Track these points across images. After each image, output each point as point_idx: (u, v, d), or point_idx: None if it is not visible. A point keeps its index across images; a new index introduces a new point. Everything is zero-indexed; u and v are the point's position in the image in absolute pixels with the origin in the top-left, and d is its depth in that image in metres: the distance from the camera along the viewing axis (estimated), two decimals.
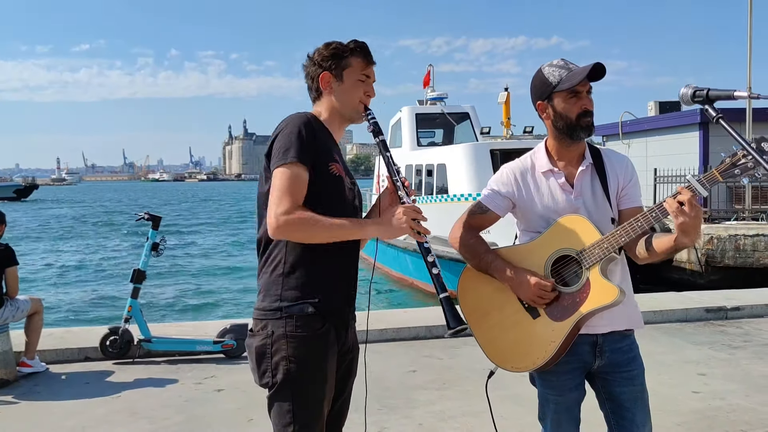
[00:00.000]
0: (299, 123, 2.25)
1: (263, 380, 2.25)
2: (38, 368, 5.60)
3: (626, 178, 2.50)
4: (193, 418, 4.59)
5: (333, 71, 2.36)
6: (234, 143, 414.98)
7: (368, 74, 2.39)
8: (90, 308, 15.21)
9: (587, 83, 2.37)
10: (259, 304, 2.29)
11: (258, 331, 2.26)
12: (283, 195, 2.15)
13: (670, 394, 4.91)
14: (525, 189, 2.49)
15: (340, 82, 2.36)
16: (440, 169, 15.49)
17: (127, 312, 5.95)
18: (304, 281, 2.24)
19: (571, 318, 2.34)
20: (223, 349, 5.96)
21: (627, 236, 2.30)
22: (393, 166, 2.35)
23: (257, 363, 2.26)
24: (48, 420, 4.59)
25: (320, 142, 2.27)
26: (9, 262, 5.47)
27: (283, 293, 2.23)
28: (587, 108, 2.38)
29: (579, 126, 2.39)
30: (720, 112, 2.17)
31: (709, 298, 8.09)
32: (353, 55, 2.37)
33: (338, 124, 2.42)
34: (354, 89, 2.37)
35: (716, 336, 6.75)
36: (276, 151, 2.22)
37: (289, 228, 2.15)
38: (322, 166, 2.25)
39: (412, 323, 6.76)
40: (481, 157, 14.25)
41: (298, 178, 2.18)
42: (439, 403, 4.81)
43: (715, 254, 13.78)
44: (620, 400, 2.45)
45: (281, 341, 2.21)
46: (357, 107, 2.39)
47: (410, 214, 2.19)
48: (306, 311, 2.22)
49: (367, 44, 2.41)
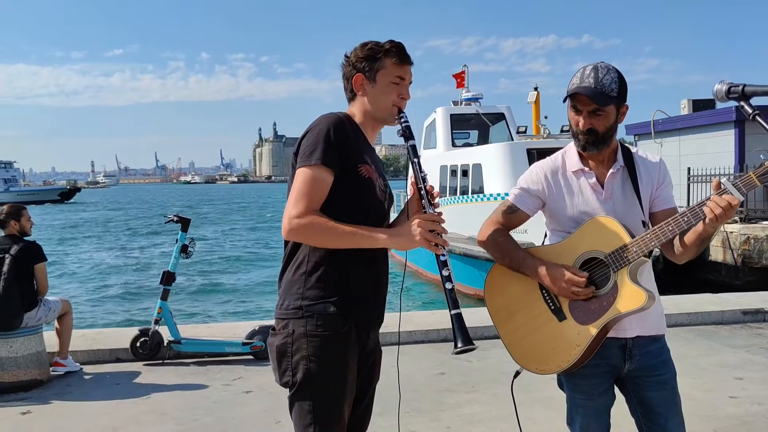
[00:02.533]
0: (329, 124, 2.22)
1: (283, 379, 2.24)
2: (72, 368, 5.69)
3: (659, 180, 2.43)
4: (221, 419, 4.60)
5: (366, 73, 2.33)
6: (264, 145, 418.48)
7: (402, 76, 2.35)
8: (121, 310, 15.43)
9: (590, 103, 2.29)
10: (280, 303, 2.28)
11: (279, 330, 2.25)
12: (300, 197, 2.14)
13: (706, 399, 4.79)
14: (555, 188, 2.44)
15: (373, 84, 2.33)
16: (476, 169, 15.27)
17: (157, 314, 6.00)
18: (326, 280, 2.22)
19: (597, 321, 2.28)
20: (252, 351, 5.98)
21: (657, 240, 2.23)
22: (420, 173, 2.30)
23: (278, 362, 2.25)
24: (79, 420, 4.65)
25: (351, 144, 2.24)
26: (37, 259, 5.51)
27: (305, 292, 2.22)
28: (580, 126, 2.32)
29: (576, 137, 2.37)
30: (757, 109, 2.10)
31: (746, 299, 7.90)
32: (387, 56, 2.32)
33: (371, 126, 2.39)
34: (387, 92, 2.33)
35: (754, 339, 6.58)
36: (302, 150, 2.20)
37: (300, 232, 2.14)
38: (351, 168, 2.23)
39: (441, 325, 6.71)
40: (517, 156, 14.02)
41: (318, 181, 2.16)
42: (467, 406, 4.76)
43: (752, 255, 13.46)
44: (652, 405, 2.39)
45: (302, 340, 2.19)
46: (390, 110, 2.35)
47: (428, 225, 2.14)
48: (327, 311, 2.20)
49: (404, 44, 2.36)
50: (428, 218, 2.16)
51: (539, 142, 15.23)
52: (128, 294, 17.46)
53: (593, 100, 2.27)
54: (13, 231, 5.55)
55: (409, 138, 2.34)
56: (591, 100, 2.27)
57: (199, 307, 15.43)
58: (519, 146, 14.60)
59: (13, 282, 5.27)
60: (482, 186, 14.83)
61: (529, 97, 17.37)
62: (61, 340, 5.68)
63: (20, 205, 5.82)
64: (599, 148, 2.36)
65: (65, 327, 5.70)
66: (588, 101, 2.29)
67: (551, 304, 2.37)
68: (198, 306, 15.52)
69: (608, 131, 2.34)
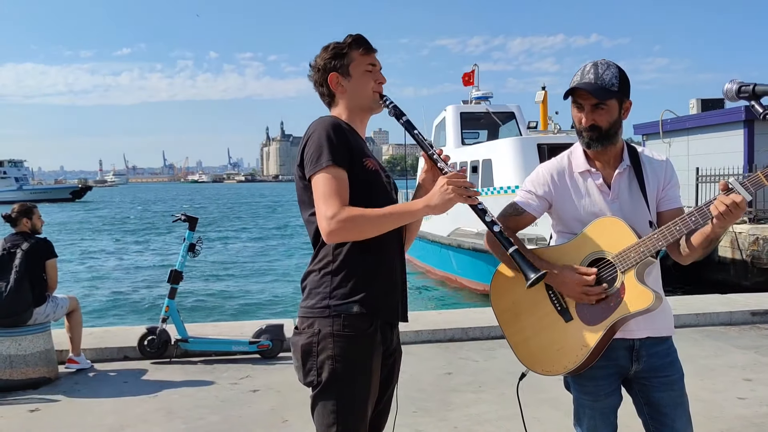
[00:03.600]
0: (326, 126, 2.23)
1: (308, 379, 2.23)
2: (84, 365, 5.76)
3: (666, 180, 2.42)
4: (228, 418, 4.61)
5: (339, 70, 2.36)
6: (271, 144, 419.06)
7: (373, 63, 2.39)
8: (129, 308, 15.48)
9: (590, 98, 2.29)
10: (305, 302, 2.28)
11: (304, 329, 2.24)
12: (329, 199, 2.13)
13: (715, 400, 4.77)
14: (562, 189, 2.43)
15: (349, 78, 2.36)
16: (486, 165, 15.05)
17: (165, 312, 6.02)
18: (352, 280, 2.22)
19: (604, 322, 2.27)
20: (259, 350, 5.99)
21: (665, 240, 2.22)
22: (425, 141, 2.34)
23: (302, 361, 2.24)
24: (87, 418, 4.66)
25: (351, 141, 2.26)
26: (48, 255, 5.59)
27: (332, 292, 2.22)
28: (583, 123, 2.33)
29: (580, 134, 2.37)
30: (767, 109, 2.08)
31: (755, 300, 7.85)
32: (352, 49, 2.37)
33: (359, 120, 2.41)
34: (364, 81, 2.36)
35: (763, 340, 6.54)
36: (308, 159, 2.21)
37: (341, 229, 2.12)
38: (357, 164, 2.24)
39: (448, 325, 6.70)
40: (527, 151, 13.80)
41: (337, 179, 2.16)
42: (474, 406, 4.75)
43: (760, 255, 13.39)
44: (659, 406, 2.38)
45: (328, 340, 2.19)
46: (372, 97, 2.38)
47: (456, 181, 2.14)
48: (354, 310, 2.19)
49: (362, 34, 2.40)
50: (453, 176, 2.18)
51: (550, 137, 14.97)
52: (137, 292, 17.51)
53: (593, 95, 2.28)
54: (24, 229, 5.64)
55: (401, 115, 2.37)
56: (591, 94, 2.28)
57: (207, 305, 15.46)
58: (529, 141, 14.38)
59: (25, 276, 5.35)
60: (492, 182, 14.65)
61: (536, 97, 17.29)
62: (73, 337, 5.74)
63: (31, 203, 5.91)
64: (604, 144, 2.35)
65: (75, 324, 5.75)
66: (588, 96, 2.29)
67: (557, 304, 2.36)
68: (206, 304, 15.55)
69: (612, 127, 2.33)
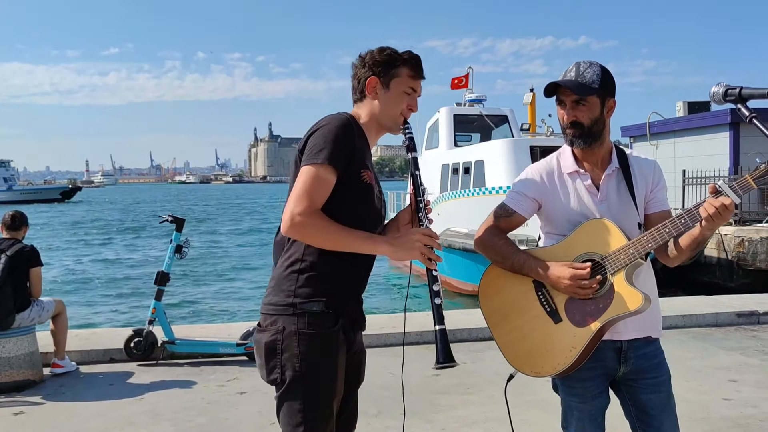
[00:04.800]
0: (339, 124, 2.21)
1: (271, 376, 2.22)
2: (69, 368, 5.71)
3: (653, 182, 2.44)
4: (215, 420, 4.59)
5: (381, 77, 2.32)
6: (259, 145, 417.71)
7: (415, 88, 2.36)
8: (115, 309, 15.37)
9: (570, 94, 2.32)
10: (269, 298, 2.26)
11: (267, 326, 2.22)
12: (304, 195, 2.12)
13: (700, 401, 4.79)
14: (551, 190, 2.44)
15: (386, 90, 2.33)
16: (478, 166, 15.00)
17: (151, 314, 5.98)
18: (318, 279, 2.21)
19: (593, 324, 2.28)
20: (246, 352, 5.96)
21: (654, 242, 2.23)
22: (420, 186, 2.32)
23: (266, 359, 2.23)
24: (72, 421, 4.62)
25: (356, 148, 2.24)
26: (33, 263, 5.54)
27: (297, 290, 2.20)
28: (565, 119, 2.36)
29: (565, 135, 2.39)
30: (753, 112, 2.09)
31: (740, 302, 7.92)
32: (405, 66, 2.33)
33: (375, 131, 2.39)
34: (398, 100, 2.34)
35: (748, 341, 6.59)
36: (309, 148, 2.18)
37: (300, 229, 2.12)
38: (354, 173, 2.22)
39: None
40: (520, 153, 13.78)
41: (323, 181, 2.15)
42: (462, 408, 4.75)
43: (746, 257, 13.49)
44: (646, 408, 2.39)
45: (292, 338, 2.18)
46: (397, 119, 2.36)
47: (426, 240, 2.17)
48: (319, 309, 2.19)
49: (420, 57, 2.36)
50: (428, 233, 2.20)
51: (543, 139, 14.98)
52: (122, 294, 17.40)
53: (573, 91, 2.31)
54: (20, 236, 5.66)
55: (412, 150, 2.36)
56: (571, 91, 2.31)
57: (194, 307, 15.38)
58: (522, 143, 14.38)
59: (7, 281, 5.28)
60: (484, 182, 14.60)
61: (525, 99, 17.34)
62: (57, 340, 5.68)
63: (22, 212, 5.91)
64: (587, 142, 2.36)
65: (60, 327, 5.69)
66: (569, 93, 2.32)
67: (547, 306, 2.36)
68: (193, 306, 15.47)
69: (594, 124, 2.34)
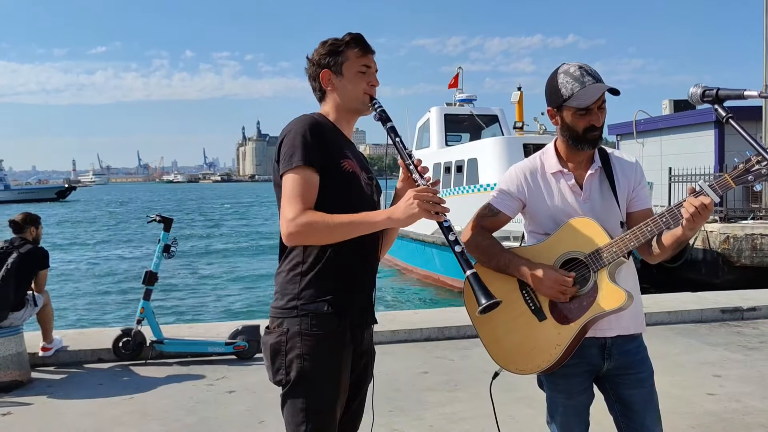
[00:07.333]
0: (303, 125, 2.23)
1: (277, 377, 2.25)
2: (57, 345, 5.87)
3: (635, 181, 2.47)
4: (204, 419, 4.60)
5: (332, 68, 2.35)
6: (247, 144, 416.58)
7: (368, 64, 2.37)
8: (103, 310, 15.31)
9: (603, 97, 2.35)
10: (275, 302, 2.29)
11: (274, 329, 2.26)
12: (292, 201, 2.14)
13: (685, 396, 4.86)
14: (535, 189, 2.47)
15: (341, 77, 2.35)
16: (471, 164, 15.03)
17: (140, 314, 5.98)
18: (321, 280, 2.23)
19: (577, 322, 2.31)
20: (235, 351, 5.97)
21: (637, 240, 2.27)
22: (404, 150, 2.30)
23: (271, 360, 2.26)
24: (61, 421, 4.61)
25: (329, 141, 2.25)
26: (42, 264, 5.71)
27: (300, 292, 2.22)
28: (594, 124, 2.36)
29: (585, 139, 2.38)
30: (730, 112, 2.14)
31: (725, 298, 8.01)
32: (349, 48, 2.35)
33: (346, 120, 2.40)
34: (356, 81, 2.35)
35: (732, 337, 6.68)
36: (282, 156, 2.21)
37: (300, 233, 2.13)
38: (333, 166, 2.24)
39: (424, 324, 6.74)
40: (513, 151, 13.81)
41: (306, 181, 2.17)
42: (450, 405, 4.79)
43: (731, 254, 13.64)
44: (630, 403, 2.43)
45: (296, 339, 2.20)
46: (361, 98, 2.36)
47: (422, 195, 2.10)
48: (322, 310, 2.21)
49: (362, 34, 2.38)
50: (422, 189, 2.13)
51: (536, 137, 14.97)
52: (111, 294, 17.32)
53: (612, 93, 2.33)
54: (28, 237, 5.76)
55: (387, 121, 2.34)
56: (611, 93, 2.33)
57: (183, 306, 15.34)
58: (515, 141, 14.41)
59: (12, 276, 5.40)
60: (477, 179, 14.61)
61: (513, 97, 17.38)
62: (44, 326, 5.82)
63: (36, 215, 6.02)
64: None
65: (46, 316, 5.85)
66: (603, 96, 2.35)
67: (531, 304, 2.39)
68: (181, 305, 15.43)
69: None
